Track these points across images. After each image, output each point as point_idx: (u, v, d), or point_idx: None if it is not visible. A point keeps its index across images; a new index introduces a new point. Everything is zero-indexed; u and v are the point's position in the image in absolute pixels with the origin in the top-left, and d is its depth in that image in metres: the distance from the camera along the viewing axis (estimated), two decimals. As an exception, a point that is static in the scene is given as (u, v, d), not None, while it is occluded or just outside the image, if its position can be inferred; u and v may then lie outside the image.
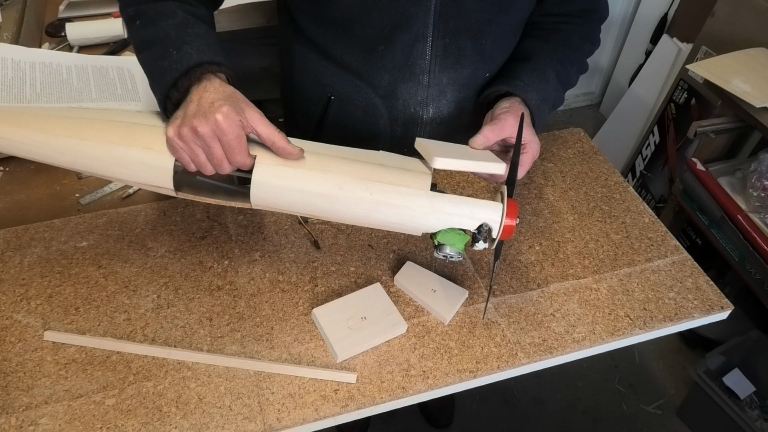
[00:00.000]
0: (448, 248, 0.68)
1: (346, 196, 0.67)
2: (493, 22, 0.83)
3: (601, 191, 0.99)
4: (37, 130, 0.66)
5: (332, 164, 0.68)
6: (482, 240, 0.68)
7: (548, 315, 0.80)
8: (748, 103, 1.44)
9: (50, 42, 1.28)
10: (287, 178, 0.67)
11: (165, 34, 0.68)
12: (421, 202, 0.68)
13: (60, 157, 0.68)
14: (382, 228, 0.71)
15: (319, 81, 0.92)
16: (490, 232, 0.68)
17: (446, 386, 0.73)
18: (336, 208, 0.68)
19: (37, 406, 0.68)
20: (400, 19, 0.80)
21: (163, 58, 0.67)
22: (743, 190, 1.56)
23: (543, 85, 0.83)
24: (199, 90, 0.65)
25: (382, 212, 0.68)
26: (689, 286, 0.85)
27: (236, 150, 0.64)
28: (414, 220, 0.68)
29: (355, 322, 0.75)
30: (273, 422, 0.68)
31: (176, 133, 0.64)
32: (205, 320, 0.77)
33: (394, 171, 0.69)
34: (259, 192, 0.67)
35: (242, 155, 0.65)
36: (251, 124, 0.65)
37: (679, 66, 2.03)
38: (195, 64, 0.66)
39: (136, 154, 0.66)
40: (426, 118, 0.92)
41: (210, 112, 0.63)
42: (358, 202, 0.67)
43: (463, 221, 0.68)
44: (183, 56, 0.66)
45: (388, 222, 0.69)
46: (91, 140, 0.66)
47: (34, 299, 0.79)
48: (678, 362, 1.85)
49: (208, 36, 0.70)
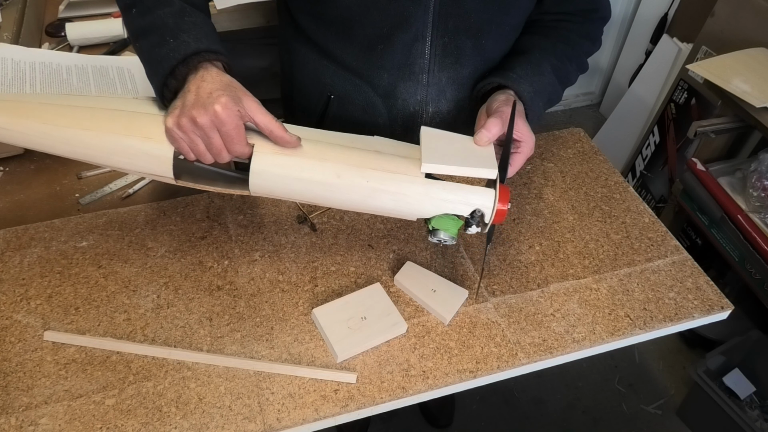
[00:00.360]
0: (442, 233, 0.71)
1: (344, 184, 0.68)
2: (493, 22, 0.83)
3: (601, 191, 0.99)
4: (37, 120, 0.67)
5: (330, 152, 0.69)
6: (475, 224, 0.70)
7: (548, 315, 0.80)
8: (748, 103, 1.44)
9: (50, 42, 1.28)
10: (285, 167, 0.68)
11: (162, 23, 0.68)
12: (417, 189, 0.69)
13: (61, 147, 0.68)
14: (379, 213, 0.73)
15: (318, 80, 0.92)
16: (482, 217, 0.70)
17: (446, 386, 0.73)
18: (334, 195, 0.70)
19: (37, 406, 0.68)
20: (399, 19, 0.80)
21: (160, 46, 0.67)
22: (743, 190, 1.56)
23: (537, 78, 0.83)
24: (197, 79, 0.65)
25: (379, 199, 0.69)
26: (689, 286, 0.85)
27: (235, 140, 0.65)
28: (409, 206, 0.70)
29: (355, 322, 0.75)
30: (273, 422, 0.68)
31: (175, 124, 0.64)
32: (205, 320, 0.77)
33: (390, 158, 0.70)
34: (257, 180, 0.68)
35: (241, 145, 0.66)
36: (249, 114, 0.65)
37: (679, 66, 2.03)
38: (192, 53, 0.66)
39: (136, 144, 0.67)
40: (426, 117, 0.92)
41: (209, 102, 0.63)
42: (356, 189, 0.69)
43: (457, 207, 0.70)
44: (180, 44, 0.66)
45: (385, 208, 0.71)
46: (91, 130, 0.67)
47: (34, 299, 0.79)
48: (678, 362, 1.85)
49: (205, 24, 0.70)
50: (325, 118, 0.96)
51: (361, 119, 0.93)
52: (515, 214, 0.94)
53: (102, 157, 0.68)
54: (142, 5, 0.70)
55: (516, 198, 0.97)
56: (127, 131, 0.67)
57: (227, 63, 0.70)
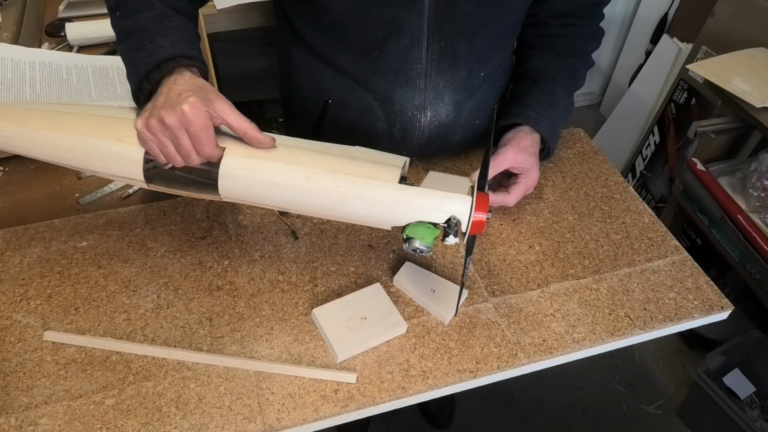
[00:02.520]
0: (417, 242, 0.68)
1: (314, 188, 0.67)
2: (487, 23, 0.83)
3: (601, 191, 0.99)
4: (15, 122, 0.68)
5: (302, 156, 0.68)
6: (453, 234, 0.68)
7: (548, 315, 0.80)
8: (748, 103, 1.44)
9: (50, 42, 1.28)
10: (255, 170, 0.67)
11: (141, 26, 0.68)
12: (389, 194, 0.67)
13: (37, 150, 0.69)
14: (352, 221, 0.71)
15: (316, 84, 0.92)
16: (459, 225, 0.68)
17: (446, 386, 0.73)
18: (304, 200, 0.68)
19: (36, 406, 0.68)
20: (393, 25, 0.80)
21: (138, 49, 0.67)
22: (743, 190, 1.56)
23: (553, 110, 0.86)
24: (169, 82, 0.65)
25: (351, 204, 0.68)
26: (689, 286, 0.85)
27: (203, 141, 0.64)
28: (382, 213, 0.68)
29: (355, 323, 0.75)
30: (273, 422, 0.68)
31: (144, 125, 0.64)
32: (205, 320, 0.77)
33: (363, 164, 0.69)
34: (227, 184, 0.67)
35: (210, 146, 0.65)
36: (221, 115, 0.65)
37: (679, 66, 2.03)
38: (167, 57, 0.66)
39: (108, 146, 0.67)
40: (424, 121, 0.92)
41: (177, 102, 0.63)
42: (326, 194, 0.67)
43: (432, 213, 0.68)
44: (156, 49, 0.66)
45: (357, 215, 0.69)
46: (65, 132, 0.67)
47: (34, 299, 0.79)
48: (678, 362, 1.85)
49: (185, 29, 0.70)
50: (323, 122, 0.96)
51: (359, 124, 0.93)
52: (515, 214, 0.94)
53: (75, 159, 0.68)
54: (126, 7, 0.71)
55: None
56: (100, 134, 0.67)
57: (203, 69, 0.70)
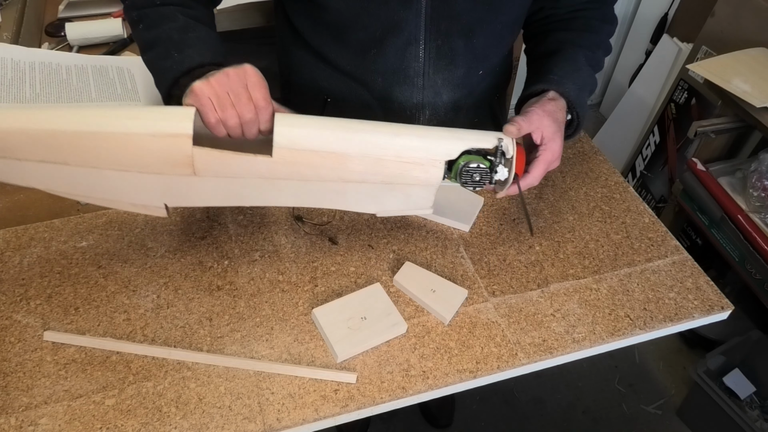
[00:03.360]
0: (473, 163, 0.71)
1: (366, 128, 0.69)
2: (484, 21, 0.83)
3: (601, 191, 0.99)
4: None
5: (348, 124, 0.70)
6: (501, 164, 0.72)
7: (548, 315, 0.80)
8: (748, 103, 1.44)
9: (50, 42, 1.28)
10: (307, 127, 0.68)
11: (167, 37, 0.70)
12: (439, 131, 0.72)
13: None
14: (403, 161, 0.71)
15: (315, 83, 0.92)
16: (504, 155, 0.72)
17: (446, 386, 0.73)
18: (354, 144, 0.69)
19: (36, 406, 0.68)
20: (390, 24, 0.80)
21: (165, 58, 0.70)
22: (743, 190, 1.56)
23: (577, 74, 0.83)
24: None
25: (403, 136, 0.69)
26: (689, 286, 0.85)
27: (262, 90, 0.66)
28: (434, 143, 0.70)
29: (355, 323, 0.75)
30: (273, 422, 0.68)
31: (206, 81, 0.64)
32: (205, 320, 0.77)
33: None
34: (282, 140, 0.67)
35: (266, 101, 0.66)
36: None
37: (679, 66, 2.03)
38: (197, 65, 0.68)
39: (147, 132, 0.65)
40: (422, 119, 0.92)
41: (237, 67, 0.65)
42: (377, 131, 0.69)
43: (480, 139, 0.72)
44: (185, 58, 0.69)
45: (410, 146, 0.70)
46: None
47: (34, 299, 0.79)
48: (678, 362, 1.85)
49: (209, 38, 0.73)
50: None
51: None
52: (515, 214, 0.94)
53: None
54: (148, 20, 0.73)
55: (515, 199, 0.97)
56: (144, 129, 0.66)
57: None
